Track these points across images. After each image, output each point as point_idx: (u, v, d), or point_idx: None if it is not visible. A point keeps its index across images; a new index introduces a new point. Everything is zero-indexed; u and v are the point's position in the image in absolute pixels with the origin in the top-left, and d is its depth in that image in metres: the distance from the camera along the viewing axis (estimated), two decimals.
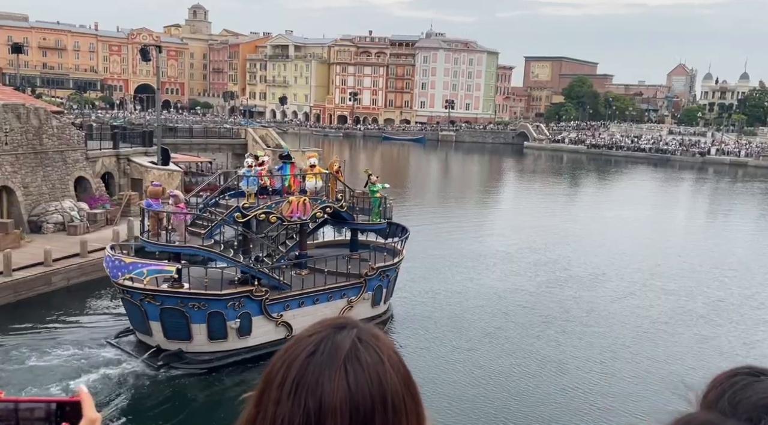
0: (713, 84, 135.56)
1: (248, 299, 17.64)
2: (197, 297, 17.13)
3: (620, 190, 59.13)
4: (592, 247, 32.82)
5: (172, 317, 17.12)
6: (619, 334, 20.39)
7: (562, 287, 25.40)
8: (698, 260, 30.70)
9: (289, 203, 18.63)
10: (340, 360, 0.91)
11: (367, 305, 20.17)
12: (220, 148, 46.34)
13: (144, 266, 17.07)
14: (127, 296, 17.41)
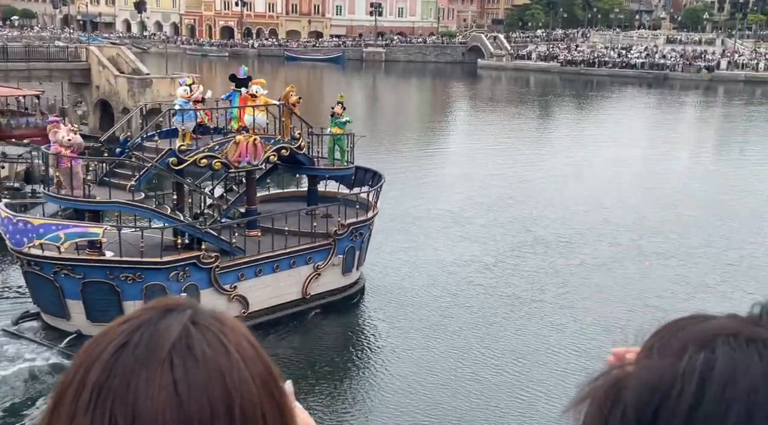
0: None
1: (195, 268, 18.36)
2: (131, 267, 17.71)
3: (603, 122, 60.98)
4: (568, 201, 33.85)
5: (98, 293, 17.64)
6: (607, 312, 21.30)
7: (534, 255, 26.24)
8: (702, 212, 32.24)
9: (236, 145, 19.16)
10: (164, 353, 0.89)
11: (337, 272, 21.21)
12: (50, 75, 44.42)
13: (60, 229, 17.32)
14: (34, 268, 17.77)
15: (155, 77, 44.43)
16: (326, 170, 22.34)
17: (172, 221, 18.54)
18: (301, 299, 20.68)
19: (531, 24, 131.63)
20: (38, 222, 17.63)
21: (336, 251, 20.86)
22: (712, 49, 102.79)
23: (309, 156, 21.59)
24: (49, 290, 17.95)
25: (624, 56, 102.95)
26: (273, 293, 20.09)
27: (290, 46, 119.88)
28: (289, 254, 20.08)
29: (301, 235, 20.35)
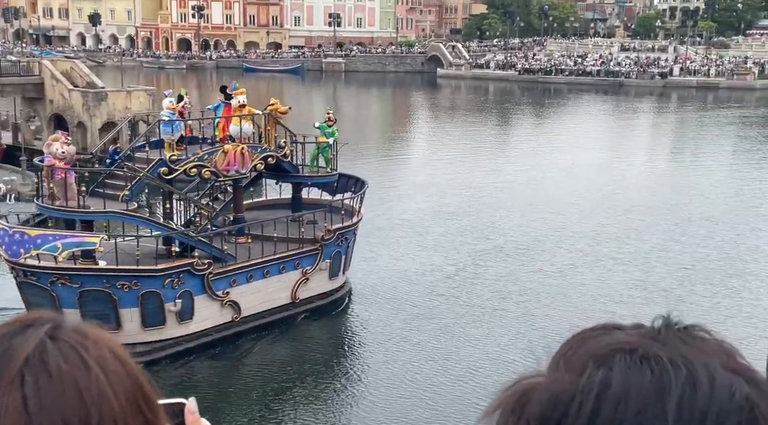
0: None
1: (188, 275, 18.87)
2: (127, 275, 18.24)
3: (561, 129, 61.61)
4: (526, 208, 34.05)
5: (94, 302, 18.11)
6: (567, 318, 21.40)
7: (495, 263, 26.32)
8: (657, 217, 32.69)
9: (224, 154, 19.73)
10: (15, 370, 0.84)
11: (324, 276, 21.92)
12: (2, 91, 43.65)
13: (57, 239, 17.74)
14: (31, 279, 18.15)
15: (110, 91, 43.90)
16: (310, 177, 22.97)
17: (165, 230, 19.09)
18: (290, 304, 21.25)
19: (489, 33, 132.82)
20: (35, 233, 18.08)
21: (323, 256, 21.51)
22: (664, 56, 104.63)
23: (293, 164, 22.26)
24: (46, 300, 18.19)
25: (580, 64, 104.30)
26: (264, 298, 20.62)
27: (249, 57, 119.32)
28: (278, 260, 20.70)
29: (289, 241, 21.01)
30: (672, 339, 0.86)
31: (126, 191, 18.64)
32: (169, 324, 18.90)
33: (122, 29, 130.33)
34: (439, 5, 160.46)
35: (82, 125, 41.97)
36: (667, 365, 0.82)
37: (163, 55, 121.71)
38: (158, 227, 19.21)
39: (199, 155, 19.56)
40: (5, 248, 18.11)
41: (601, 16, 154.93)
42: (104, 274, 18.23)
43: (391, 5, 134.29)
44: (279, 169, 21.89)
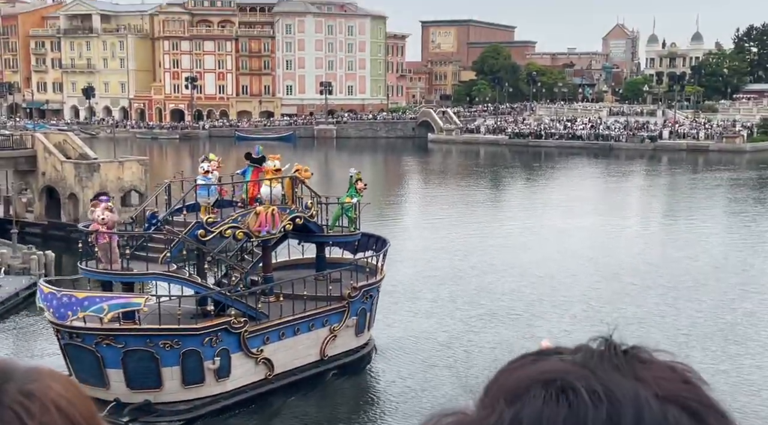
0: (660, 48, 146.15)
1: (226, 333, 19.56)
2: (169, 334, 18.85)
3: (553, 191, 61.96)
4: (518, 272, 33.93)
5: (138, 361, 18.80)
6: None
7: (486, 329, 26.07)
8: (650, 280, 32.53)
9: (256, 215, 20.76)
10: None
11: (351, 333, 22.64)
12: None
13: (104, 301, 18.48)
14: (76, 340, 18.76)
15: (103, 162, 44.03)
16: (335, 236, 23.76)
17: (204, 290, 19.84)
18: (319, 361, 21.92)
19: (478, 99, 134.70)
20: (82, 295, 18.87)
21: (350, 313, 22.30)
22: (653, 119, 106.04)
23: (319, 224, 23.15)
24: (90, 360, 18.82)
25: (570, 128, 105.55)
26: (295, 356, 21.34)
27: (241, 126, 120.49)
28: (308, 318, 21.50)
29: (317, 299, 21.86)
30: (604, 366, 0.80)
31: (167, 253, 19.41)
32: (208, 382, 19.54)
33: (116, 101, 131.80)
34: (428, 72, 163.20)
35: (74, 197, 41.98)
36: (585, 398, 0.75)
37: (156, 126, 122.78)
38: (197, 288, 19.87)
39: (233, 217, 20.63)
40: (53, 311, 18.81)
41: (589, 82, 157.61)
42: (147, 333, 18.91)
43: (381, 73, 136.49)
44: (304, 229, 22.75)
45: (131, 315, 18.87)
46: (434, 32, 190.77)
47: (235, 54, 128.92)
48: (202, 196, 20.39)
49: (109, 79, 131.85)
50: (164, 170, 68.98)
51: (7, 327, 27.49)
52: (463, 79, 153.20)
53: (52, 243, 38.02)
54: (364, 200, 24.82)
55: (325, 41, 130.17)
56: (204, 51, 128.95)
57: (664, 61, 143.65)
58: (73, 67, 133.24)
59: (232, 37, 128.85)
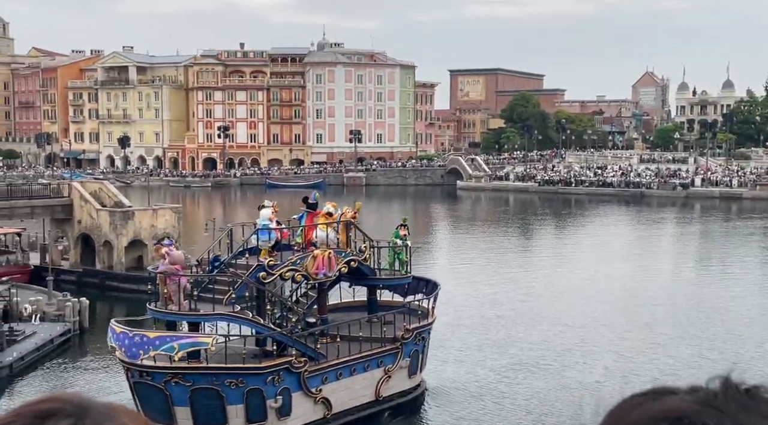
0: (690, 96, 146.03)
1: (287, 373, 20.33)
2: (234, 373, 19.69)
3: (583, 239, 61.63)
4: (549, 320, 33.69)
5: (204, 399, 19.53)
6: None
7: (517, 380, 25.87)
8: (685, 329, 32.07)
9: (314, 258, 21.53)
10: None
11: (404, 375, 23.18)
12: (32, 212, 44.70)
13: (174, 340, 19.30)
14: (146, 378, 19.54)
15: (137, 209, 44.76)
16: (387, 279, 24.46)
17: (266, 330, 20.49)
18: (374, 401, 22.47)
19: (507, 146, 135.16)
20: (153, 335, 19.67)
21: (403, 355, 22.86)
22: (685, 167, 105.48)
23: (371, 267, 23.75)
24: (159, 398, 19.48)
25: (600, 175, 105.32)
26: (351, 396, 21.96)
27: (272, 174, 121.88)
28: (363, 358, 22.12)
29: (372, 340, 22.39)
30: (730, 404, 0.77)
31: (231, 294, 20.13)
32: (270, 420, 20.12)
33: (150, 150, 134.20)
34: (457, 120, 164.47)
35: (108, 244, 42.62)
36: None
37: (188, 174, 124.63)
38: (260, 328, 20.50)
39: (293, 260, 21.35)
40: (125, 350, 19.57)
41: (618, 129, 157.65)
42: (214, 372, 19.62)
43: (410, 121, 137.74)
44: (357, 272, 23.34)
45: (196, 354, 19.62)
46: (463, 81, 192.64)
47: (266, 103, 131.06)
48: (263, 239, 21.22)
49: (144, 129, 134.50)
50: (197, 218, 69.85)
51: (43, 372, 27.81)
52: (492, 126, 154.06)
53: (87, 290, 38.57)
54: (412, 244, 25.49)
55: (355, 90, 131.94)
56: (236, 101, 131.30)
57: (695, 109, 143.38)
58: (110, 117, 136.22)
59: (263, 87, 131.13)
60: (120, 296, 40.87)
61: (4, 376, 26.31)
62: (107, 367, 28.57)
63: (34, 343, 28.78)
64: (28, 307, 32.22)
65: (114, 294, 41.04)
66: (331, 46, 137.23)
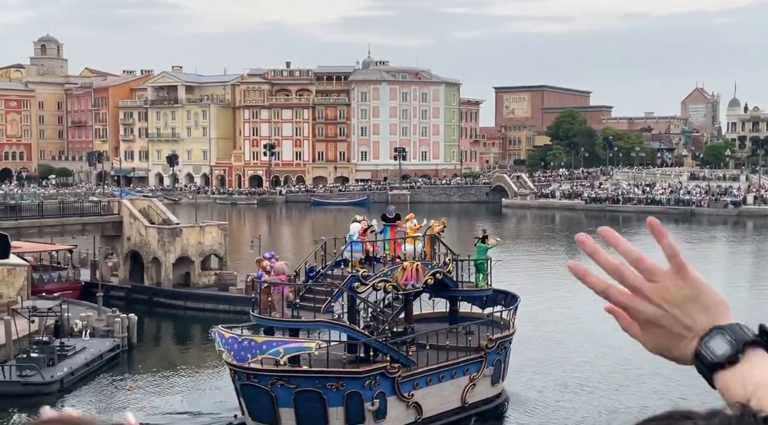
0: (742, 112, 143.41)
1: (383, 377, 21.53)
2: (335, 376, 20.98)
3: None
4: (597, 342, 33.20)
5: (307, 401, 20.78)
6: None
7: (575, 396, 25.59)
8: None
9: (403, 270, 22.84)
10: None
11: (488, 383, 24.28)
12: (83, 229, 45.69)
13: (280, 345, 20.71)
14: (253, 381, 20.95)
15: (185, 226, 45.42)
16: (469, 291, 25.72)
17: (363, 337, 21.81)
18: (460, 408, 23.51)
19: (553, 163, 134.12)
20: (261, 340, 21.22)
21: (487, 363, 23.91)
22: (736, 184, 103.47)
23: (454, 280, 25.03)
24: (264, 399, 20.92)
25: (648, 193, 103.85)
26: (439, 401, 23.01)
27: (316, 191, 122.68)
28: (450, 366, 23.22)
29: (458, 349, 23.51)
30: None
31: (329, 302, 21.51)
32: (367, 423, 21.30)
33: (198, 168, 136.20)
34: (502, 138, 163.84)
35: (156, 261, 43.28)
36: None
37: (235, 192, 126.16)
38: (357, 335, 21.92)
39: (384, 271, 22.71)
40: (234, 354, 20.92)
41: (667, 146, 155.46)
42: (317, 375, 20.98)
43: (455, 138, 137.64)
44: (440, 284, 24.50)
45: (296, 359, 20.91)
46: (508, 98, 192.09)
47: (311, 121, 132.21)
48: (356, 251, 22.71)
49: (191, 147, 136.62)
50: (243, 235, 70.56)
51: (93, 387, 28.26)
52: (538, 144, 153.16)
53: (135, 306, 39.18)
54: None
55: (400, 108, 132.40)
56: (282, 119, 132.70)
57: (746, 125, 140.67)
58: (159, 136, 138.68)
59: (309, 105, 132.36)
60: (167, 312, 41.46)
61: (54, 390, 26.77)
62: (156, 382, 28.95)
63: (84, 358, 29.27)
64: (78, 323, 32.84)
65: (161, 310, 41.62)
66: (376, 64, 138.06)
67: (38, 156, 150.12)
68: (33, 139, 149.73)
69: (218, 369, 31.65)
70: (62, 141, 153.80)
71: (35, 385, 26.32)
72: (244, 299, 39.90)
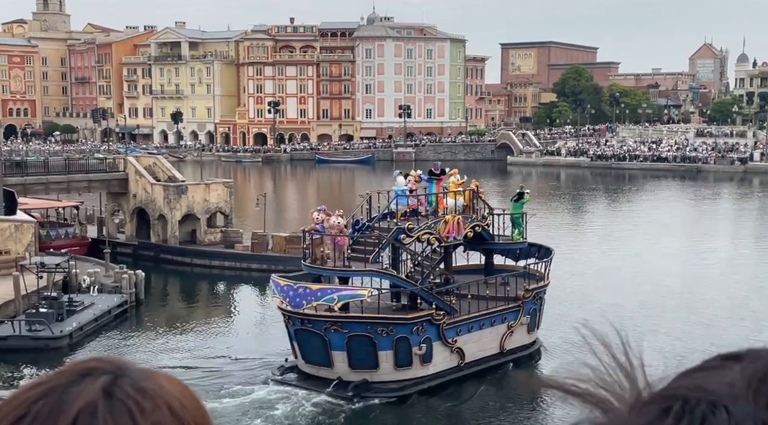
0: (750, 68, 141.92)
1: (429, 324, 22.72)
2: (385, 322, 22.27)
3: (638, 215, 60.64)
4: (597, 302, 33.33)
5: (359, 345, 22.08)
6: None
7: None
8: (742, 311, 31.35)
9: (445, 223, 23.92)
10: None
11: (524, 331, 25.56)
12: (89, 186, 45.69)
13: (335, 292, 22.00)
14: (308, 326, 22.25)
15: (190, 184, 45.38)
16: (505, 244, 26.83)
17: (410, 286, 22.94)
18: (499, 353, 24.90)
19: (559, 121, 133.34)
20: (316, 287, 22.38)
21: (524, 312, 25.17)
22: (743, 141, 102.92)
23: (491, 233, 26.29)
24: (318, 343, 22.22)
25: (655, 150, 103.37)
26: (480, 347, 24.32)
27: (321, 149, 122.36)
28: (490, 314, 24.51)
29: (497, 299, 24.85)
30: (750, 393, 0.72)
31: (377, 253, 22.62)
32: (414, 365, 22.62)
33: (202, 126, 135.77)
34: (507, 95, 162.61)
35: (162, 218, 43.38)
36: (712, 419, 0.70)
37: (240, 150, 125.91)
38: (405, 284, 23.05)
39: (428, 224, 23.74)
40: (288, 300, 22.21)
41: (674, 103, 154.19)
42: (368, 321, 22.18)
43: (460, 96, 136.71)
44: (478, 237, 25.64)
45: (345, 307, 22.13)
46: (514, 54, 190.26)
47: (316, 78, 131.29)
48: (401, 205, 23.79)
49: (196, 105, 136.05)
50: (248, 193, 70.57)
51: (102, 342, 28.54)
52: (544, 101, 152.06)
53: (142, 263, 39.41)
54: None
55: (405, 65, 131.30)
56: (286, 76, 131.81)
57: (754, 81, 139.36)
58: (163, 93, 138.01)
59: (313, 62, 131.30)
60: (174, 269, 41.68)
61: (64, 345, 27.07)
62: (164, 337, 29.25)
63: (92, 314, 29.53)
64: (86, 279, 33.07)
65: (168, 267, 41.85)
66: (380, 20, 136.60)
67: (42, 113, 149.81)
68: (37, 95, 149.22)
69: (226, 323, 32.01)
70: (66, 98, 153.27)
71: (45, 339, 26.59)
72: (250, 256, 40.20)
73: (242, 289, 38.23)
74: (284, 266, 38.99)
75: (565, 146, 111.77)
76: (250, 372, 23.99)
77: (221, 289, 38.94)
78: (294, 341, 23.00)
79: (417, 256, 24.38)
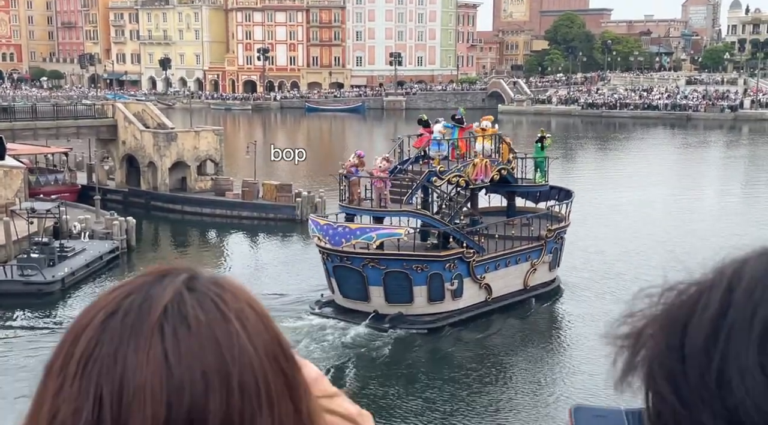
0: (743, 14, 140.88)
1: (460, 261, 24.11)
2: (421, 259, 23.66)
3: (627, 164, 60.82)
4: (593, 244, 33.63)
5: (395, 280, 23.34)
6: None
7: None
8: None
9: (474, 166, 25.07)
10: (154, 321, 0.83)
11: (546, 268, 26.98)
12: (77, 132, 45.36)
13: (373, 231, 23.18)
14: (346, 262, 23.45)
15: (180, 131, 45.11)
16: (527, 186, 28.14)
17: (443, 226, 24.17)
18: (522, 289, 26.23)
19: (550, 69, 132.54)
20: (354, 226, 23.66)
21: (546, 251, 26.58)
22: (734, 88, 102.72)
23: (515, 176, 27.56)
24: (356, 279, 23.49)
25: (646, 98, 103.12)
26: (506, 284, 25.66)
27: (311, 97, 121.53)
28: (516, 253, 25.94)
29: (521, 239, 26.35)
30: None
31: (411, 194, 23.83)
32: (446, 300, 23.91)
33: (191, 73, 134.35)
34: (499, 42, 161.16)
35: (152, 165, 43.25)
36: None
37: (229, 97, 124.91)
38: (438, 223, 24.23)
39: (458, 167, 24.85)
40: (329, 239, 23.35)
41: (666, 50, 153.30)
42: (403, 258, 23.44)
43: (451, 43, 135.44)
44: (502, 180, 26.81)
45: (381, 245, 23.15)
46: (506, 1, 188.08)
47: (305, 25, 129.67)
48: (434, 150, 24.54)
49: (184, 51, 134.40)
50: (237, 140, 70.27)
51: (93, 287, 28.69)
52: (535, 48, 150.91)
53: (132, 210, 39.42)
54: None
55: (396, 11, 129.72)
56: (275, 22, 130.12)
57: (747, 28, 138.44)
58: (150, 38, 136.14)
59: (303, 8, 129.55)
60: (165, 216, 41.73)
61: (56, 290, 27.26)
62: None
63: (84, 259, 29.66)
64: (77, 225, 33.12)
65: (159, 214, 41.88)
66: None
67: (29, 58, 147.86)
68: (23, 40, 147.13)
69: (219, 269, 32.18)
70: (52, 42, 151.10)
71: (37, 284, 26.76)
72: (241, 204, 40.27)
73: (233, 236, 38.40)
74: (275, 214, 39.30)
75: (556, 95, 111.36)
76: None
77: (212, 236, 39.08)
78: (332, 277, 24.17)
79: (447, 197, 25.54)
